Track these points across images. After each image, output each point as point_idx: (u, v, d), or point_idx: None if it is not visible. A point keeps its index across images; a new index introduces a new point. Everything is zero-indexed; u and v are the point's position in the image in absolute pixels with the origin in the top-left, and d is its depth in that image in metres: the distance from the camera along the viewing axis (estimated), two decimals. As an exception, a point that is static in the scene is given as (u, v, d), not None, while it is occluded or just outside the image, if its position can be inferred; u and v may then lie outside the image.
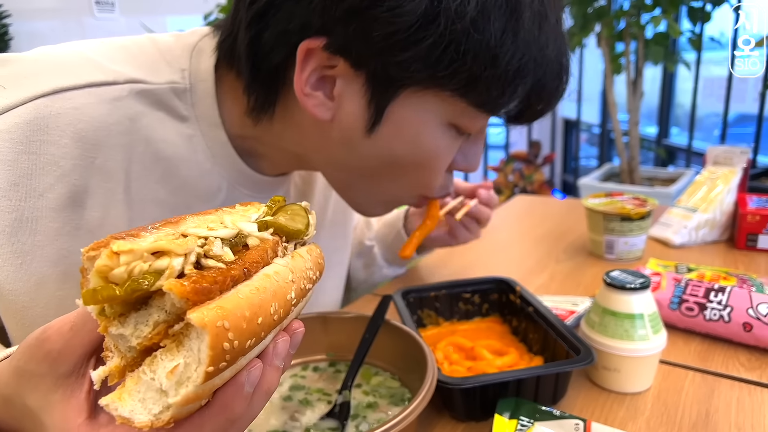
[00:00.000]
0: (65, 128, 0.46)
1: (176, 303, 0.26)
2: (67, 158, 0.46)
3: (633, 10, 2.14)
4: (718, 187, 1.02)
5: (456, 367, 0.61)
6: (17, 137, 0.44)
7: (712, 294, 0.68)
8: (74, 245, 0.47)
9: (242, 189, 0.59)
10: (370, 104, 0.48)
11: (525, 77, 0.48)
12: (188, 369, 0.25)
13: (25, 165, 0.44)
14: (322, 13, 0.44)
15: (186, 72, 0.53)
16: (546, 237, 1.12)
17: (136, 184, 0.51)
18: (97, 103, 0.47)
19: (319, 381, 0.59)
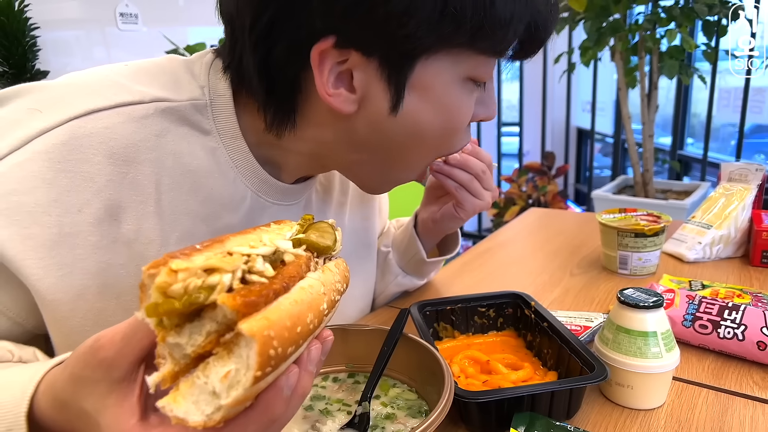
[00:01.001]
0: (98, 147, 0.49)
1: (228, 315, 0.29)
2: (101, 175, 0.49)
3: (647, 24, 2.15)
4: (733, 204, 1.03)
5: (472, 380, 0.62)
6: (55, 157, 0.47)
7: (726, 312, 0.69)
8: (112, 258, 0.50)
9: (265, 197, 0.61)
10: (390, 84, 0.50)
11: (522, 12, 0.49)
12: (238, 374, 0.28)
13: (63, 183, 0.47)
14: (324, 15, 0.46)
15: (205, 89, 0.56)
16: (560, 251, 1.13)
17: (167, 197, 0.53)
18: (126, 122, 0.50)
19: (338, 391, 0.61)
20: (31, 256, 0.46)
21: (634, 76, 2.35)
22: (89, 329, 0.50)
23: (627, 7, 2.18)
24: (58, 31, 3.45)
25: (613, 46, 2.31)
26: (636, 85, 2.34)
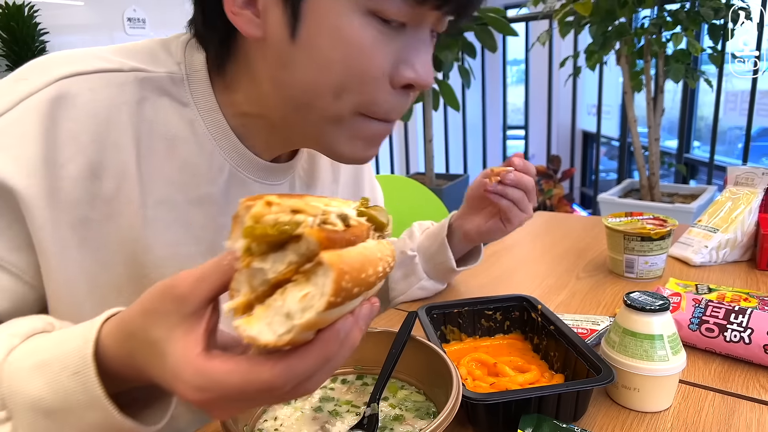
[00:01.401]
0: (82, 107, 0.51)
1: (311, 246, 0.32)
2: (85, 134, 0.51)
3: (653, 28, 2.15)
4: (739, 208, 1.03)
5: (479, 382, 0.63)
6: (44, 112, 0.49)
7: (733, 316, 0.69)
8: (91, 214, 0.52)
9: (245, 173, 0.62)
10: (286, 6, 0.50)
11: None
12: (313, 298, 0.32)
13: (50, 138, 0.49)
14: None
15: (182, 64, 0.58)
16: (566, 254, 1.13)
17: (146, 161, 0.55)
18: (107, 86, 0.53)
19: (347, 393, 0.62)
20: (36, 205, 0.49)
21: (640, 80, 2.35)
22: (72, 281, 0.52)
23: (632, 11, 2.19)
24: (66, 36, 3.49)
25: (618, 50, 2.31)
26: (642, 89, 2.34)
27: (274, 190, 0.65)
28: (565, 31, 2.39)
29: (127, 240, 0.55)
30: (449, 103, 3.01)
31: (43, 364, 0.39)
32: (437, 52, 2.66)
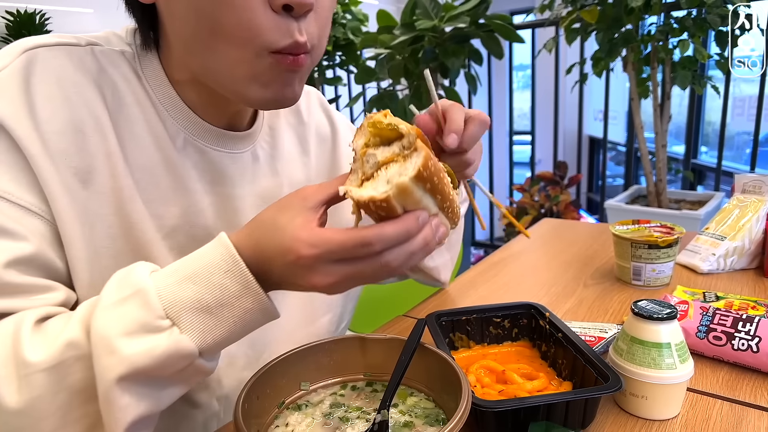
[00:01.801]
0: (51, 72, 0.54)
1: (410, 139, 0.46)
2: (57, 94, 0.54)
3: (659, 35, 2.15)
4: (747, 216, 1.03)
5: (488, 389, 0.64)
6: (20, 78, 0.52)
7: (741, 324, 0.70)
8: (80, 164, 0.55)
9: (200, 141, 0.64)
10: None
11: None
12: (407, 169, 0.45)
13: (30, 99, 0.52)
14: None
15: (132, 45, 0.61)
16: (573, 261, 1.14)
17: (116, 120, 0.58)
18: (69, 55, 0.56)
19: (357, 399, 0.62)
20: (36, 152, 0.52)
21: (647, 87, 2.36)
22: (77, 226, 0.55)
23: (639, 18, 2.19)
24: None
25: (625, 57, 2.32)
26: (648, 96, 2.34)
27: (235, 158, 0.67)
28: (571, 38, 2.39)
29: (114, 189, 0.57)
30: (456, 109, 3.01)
31: (192, 275, 0.47)
32: (444, 59, 2.67)
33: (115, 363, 0.43)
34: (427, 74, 0.61)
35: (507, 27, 2.73)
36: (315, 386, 0.64)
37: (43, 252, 0.52)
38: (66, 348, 0.45)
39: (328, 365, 0.65)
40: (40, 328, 0.48)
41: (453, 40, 2.70)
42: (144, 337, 0.45)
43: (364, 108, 3.11)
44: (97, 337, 0.44)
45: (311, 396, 0.63)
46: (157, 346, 0.45)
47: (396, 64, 2.83)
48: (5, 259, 0.49)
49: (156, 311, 0.45)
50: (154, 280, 0.47)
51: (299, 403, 0.62)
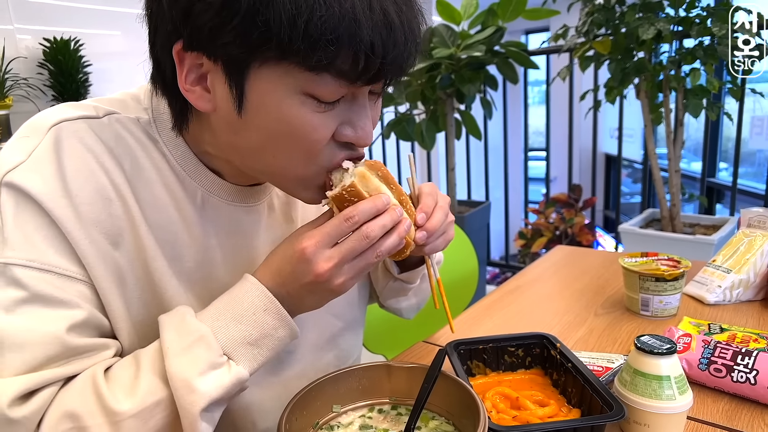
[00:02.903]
0: (76, 146, 0.59)
1: None
2: (83, 165, 0.59)
3: (671, 65, 2.21)
4: (752, 249, 1.08)
5: (503, 415, 0.69)
6: (51, 157, 0.58)
7: (740, 357, 0.75)
8: (111, 227, 0.60)
9: (218, 197, 0.68)
10: (231, 87, 0.54)
11: (334, 34, 0.49)
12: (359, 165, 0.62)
13: (61, 175, 0.57)
14: (172, 20, 0.53)
15: (149, 110, 0.65)
16: (585, 290, 1.19)
17: (135, 184, 0.62)
18: (90, 127, 0.61)
19: (384, 422, 0.69)
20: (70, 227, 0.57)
21: (660, 113, 2.40)
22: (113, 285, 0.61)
23: (651, 49, 2.25)
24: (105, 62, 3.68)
25: (637, 85, 2.37)
26: (662, 122, 2.39)
27: (250, 210, 0.71)
28: (585, 66, 2.46)
29: (139, 249, 0.62)
30: (471, 132, 3.09)
31: (238, 316, 0.59)
32: (460, 85, 2.75)
33: (198, 399, 0.54)
34: (410, 158, 0.73)
35: (521, 54, 2.81)
36: (345, 409, 0.70)
37: (93, 314, 0.59)
38: (147, 395, 0.54)
39: (357, 390, 0.71)
40: (110, 379, 0.56)
41: (469, 67, 2.79)
42: (212, 374, 0.56)
43: (382, 131, 3.19)
44: (178, 381, 0.54)
45: (342, 418, 0.70)
46: (224, 379, 0.56)
47: (413, 89, 2.91)
48: (65, 326, 0.55)
49: (217, 351, 0.56)
50: (209, 324, 0.58)
51: (331, 424, 0.68)
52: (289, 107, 0.54)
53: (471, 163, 3.80)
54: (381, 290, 0.89)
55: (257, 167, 0.63)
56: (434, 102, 2.97)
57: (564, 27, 2.45)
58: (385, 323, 1.38)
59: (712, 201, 3.62)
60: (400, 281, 0.85)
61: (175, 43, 0.54)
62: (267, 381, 0.75)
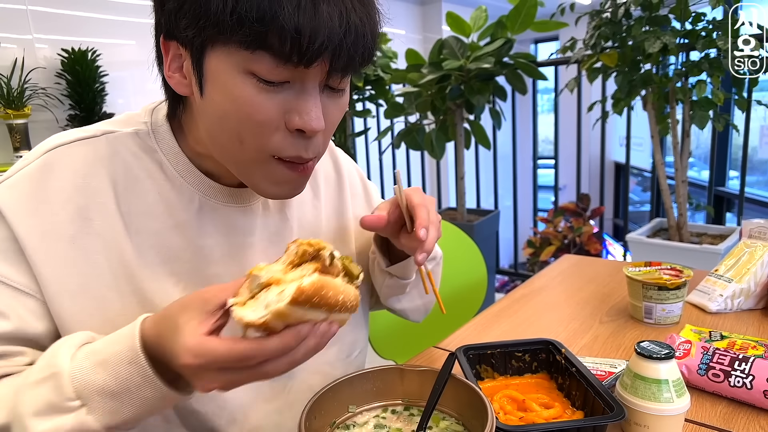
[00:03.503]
0: (64, 168, 0.65)
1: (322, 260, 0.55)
2: (69, 186, 0.65)
3: (677, 77, 2.24)
4: (753, 259, 1.12)
5: (510, 416, 0.73)
6: (35, 177, 0.64)
7: (737, 363, 0.78)
8: (89, 246, 0.64)
9: (213, 200, 0.72)
10: (194, 70, 0.60)
11: (258, 13, 0.53)
12: (283, 295, 0.48)
13: (42, 195, 0.63)
14: (156, 11, 0.61)
15: (147, 123, 0.70)
16: (591, 298, 1.23)
17: (123, 198, 0.67)
18: (85, 147, 0.67)
19: (397, 422, 0.73)
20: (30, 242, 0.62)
21: (667, 123, 2.44)
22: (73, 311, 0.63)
23: (658, 61, 2.29)
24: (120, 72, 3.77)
25: (644, 96, 2.41)
26: (669, 133, 2.42)
27: (246, 210, 0.74)
28: (592, 77, 2.50)
29: (123, 263, 0.66)
30: (480, 142, 3.13)
31: (103, 362, 0.54)
32: (469, 96, 2.80)
33: None
34: (398, 175, 0.71)
35: (530, 65, 2.86)
36: (360, 409, 0.75)
37: (21, 329, 0.62)
38: None
39: (371, 391, 0.76)
40: None
41: (478, 78, 2.83)
42: (52, 418, 0.53)
43: (392, 141, 3.24)
44: (15, 415, 0.55)
45: (357, 417, 0.74)
46: (63, 426, 0.53)
47: (424, 100, 2.97)
48: None
49: (66, 394, 0.53)
50: (73, 363, 0.54)
51: (347, 423, 0.73)
52: (234, 85, 0.58)
53: (480, 172, 3.84)
54: (379, 289, 0.90)
55: (219, 154, 0.66)
56: (444, 112, 3.02)
57: (572, 39, 2.50)
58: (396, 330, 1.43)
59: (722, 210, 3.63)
60: (396, 278, 0.85)
61: (160, 34, 0.62)
62: None
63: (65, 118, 3.46)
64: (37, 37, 3.40)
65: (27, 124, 3.15)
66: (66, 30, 3.51)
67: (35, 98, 3.28)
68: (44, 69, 3.40)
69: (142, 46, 3.88)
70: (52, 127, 3.44)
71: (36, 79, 3.28)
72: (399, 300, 0.92)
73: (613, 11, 2.24)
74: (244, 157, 0.63)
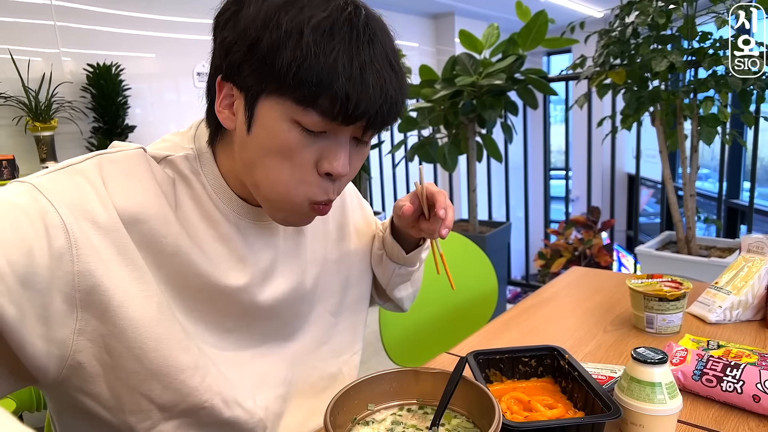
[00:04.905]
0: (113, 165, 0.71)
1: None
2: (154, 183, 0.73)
3: (683, 94, 2.30)
4: (751, 273, 1.17)
5: (516, 416, 0.80)
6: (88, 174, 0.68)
7: (729, 369, 0.84)
8: (146, 250, 0.69)
9: (245, 219, 0.80)
10: (246, 110, 0.68)
11: (317, 79, 0.62)
12: None
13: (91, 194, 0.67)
14: (219, 56, 0.69)
15: (193, 149, 0.78)
16: (596, 309, 1.28)
17: (180, 210, 0.75)
18: (142, 159, 0.73)
19: (412, 419, 0.80)
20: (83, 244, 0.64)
21: (676, 139, 2.49)
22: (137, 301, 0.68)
23: (666, 78, 2.34)
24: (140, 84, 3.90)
25: (653, 113, 2.46)
26: (678, 148, 2.47)
27: (270, 227, 0.83)
28: (602, 93, 2.56)
29: (173, 262, 0.72)
30: (492, 155, 3.20)
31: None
32: (481, 111, 2.87)
33: None
34: (421, 170, 0.86)
35: (541, 81, 2.93)
36: (378, 407, 0.81)
37: None
38: None
39: (389, 391, 0.82)
40: None
41: (490, 94, 2.91)
42: None
43: (406, 154, 3.32)
44: None
45: (376, 415, 0.81)
46: None
47: (437, 115, 3.05)
48: None
49: None
50: None
51: (367, 420, 0.79)
52: (281, 131, 0.66)
53: (492, 184, 3.91)
54: (389, 280, 1.02)
55: (253, 181, 0.73)
56: (456, 126, 3.09)
57: (582, 57, 2.57)
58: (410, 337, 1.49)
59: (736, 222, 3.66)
60: (404, 267, 1.00)
61: (218, 75, 0.70)
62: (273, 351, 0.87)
63: (89, 130, 3.59)
64: (64, 50, 3.54)
65: (53, 136, 3.28)
66: (91, 44, 3.65)
67: (61, 111, 3.41)
68: (71, 84, 3.53)
69: (161, 58, 4.02)
70: (76, 139, 3.58)
71: (62, 93, 3.42)
72: (402, 288, 1.06)
73: (621, 31, 2.31)
74: (276, 187, 0.71)
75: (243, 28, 0.65)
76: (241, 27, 0.65)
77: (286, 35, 0.62)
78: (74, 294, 0.63)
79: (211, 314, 0.78)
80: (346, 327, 1.00)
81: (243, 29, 0.65)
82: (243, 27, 0.65)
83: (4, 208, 0.60)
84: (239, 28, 0.65)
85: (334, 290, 0.97)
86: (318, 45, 0.62)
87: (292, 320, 0.89)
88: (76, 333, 0.64)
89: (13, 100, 3.17)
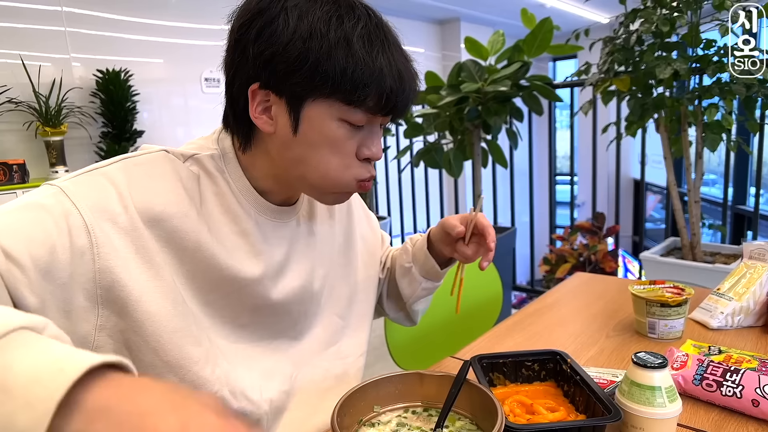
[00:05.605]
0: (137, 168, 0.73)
1: None
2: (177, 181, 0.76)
3: (688, 101, 2.31)
4: (753, 279, 1.18)
5: (519, 418, 0.81)
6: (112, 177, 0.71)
7: (728, 374, 0.85)
8: (167, 247, 0.72)
9: (264, 216, 0.84)
10: (291, 114, 0.73)
11: (369, 81, 0.70)
12: None
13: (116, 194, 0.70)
14: (255, 66, 0.72)
15: (217, 150, 0.82)
16: (599, 314, 1.30)
17: (204, 207, 0.78)
18: (169, 161, 0.76)
19: (417, 421, 0.81)
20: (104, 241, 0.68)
21: (680, 145, 2.50)
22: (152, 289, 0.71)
23: (670, 86, 2.36)
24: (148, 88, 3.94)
25: (657, 119, 2.48)
26: (682, 155, 2.48)
27: (287, 225, 0.88)
28: (607, 100, 2.58)
29: (195, 257, 0.75)
30: (498, 161, 3.22)
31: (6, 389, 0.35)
32: (487, 117, 2.89)
33: None
34: (481, 199, 0.93)
35: (546, 87, 2.95)
36: (384, 409, 0.83)
37: None
38: None
39: (394, 394, 0.84)
40: None
41: (495, 100, 2.93)
42: None
43: (411, 159, 3.34)
44: None
45: (381, 416, 0.82)
46: None
47: (442, 120, 3.07)
48: None
49: None
50: None
51: (373, 421, 0.81)
52: (330, 129, 0.74)
53: (497, 189, 3.92)
54: (414, 292, 1.07)
55: (300, 174, 0.78)
56: (462, 132, 3.12)
57: (586, 64, 2.58)
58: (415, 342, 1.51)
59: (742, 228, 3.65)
60: (431, 281, 1.05)
61: (252, 83, 0.73)
62: (282, 348, 0.90)
63: (98, 135, 3.64)
64: (74, 56, 3.58)
65: (63, 141, 3.32)
66: (100, 50, 3.70)
67: (71, 116, 3.45)
68: (80, 89, 3.58)
69: (169, 64, 4.06)
70: (86, 144, 3.62)
71: (72, 98, 3.46)
72: (423, 302, 1.10)
73: (625, 38, 2.32)
74: (328, 176, 0.78)
75: (286, 41, 0.69)
76: (282, 40, 0.70)
77: (335, 45, 0.69)
78: (95, 290, 0.66)
79: (228, 308, 0.81)
80: (353, 330, 1.03)
81: (287, 42, 0.69)
82: (286, 40, 0.69)
83: (33, 208, 0.64)
84: (280, 41, 0.70)
85: (341, 293, 1.00)
86: (365, 51, 0.70)
87: (301, 319, 0.92)
88: (97, 329, 0.67)
89: (23, 105, 3.22)
